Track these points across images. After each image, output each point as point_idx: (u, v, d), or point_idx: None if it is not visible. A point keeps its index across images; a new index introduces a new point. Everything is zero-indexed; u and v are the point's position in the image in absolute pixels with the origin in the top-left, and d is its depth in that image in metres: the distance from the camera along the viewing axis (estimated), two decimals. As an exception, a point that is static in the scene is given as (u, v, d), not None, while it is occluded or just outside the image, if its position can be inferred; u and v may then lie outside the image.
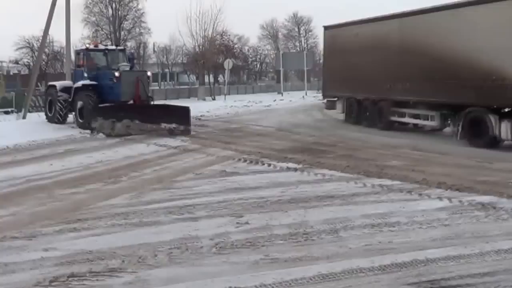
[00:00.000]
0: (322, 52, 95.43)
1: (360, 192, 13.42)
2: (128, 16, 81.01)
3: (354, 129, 28.99)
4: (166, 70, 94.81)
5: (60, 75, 58.61)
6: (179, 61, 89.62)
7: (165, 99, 49.35)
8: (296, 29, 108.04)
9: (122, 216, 11.19)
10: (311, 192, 13.31)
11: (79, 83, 28.67)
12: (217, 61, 69.30)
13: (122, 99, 27.13)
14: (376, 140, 23.75)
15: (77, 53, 31.77)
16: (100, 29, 79.77)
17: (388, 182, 14.48)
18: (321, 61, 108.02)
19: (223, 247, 9.25)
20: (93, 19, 79.28)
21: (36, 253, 8.94)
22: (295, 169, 16.39)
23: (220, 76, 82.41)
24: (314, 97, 61.96)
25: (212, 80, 76.57)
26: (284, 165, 17.04)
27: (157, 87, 78.71)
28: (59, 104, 29.46)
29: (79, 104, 27.96)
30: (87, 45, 30.93)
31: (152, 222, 10.80)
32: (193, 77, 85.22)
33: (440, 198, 12.69)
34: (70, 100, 29.05)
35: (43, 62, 69.95)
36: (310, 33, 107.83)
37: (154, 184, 14.41)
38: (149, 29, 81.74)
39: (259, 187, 13.95)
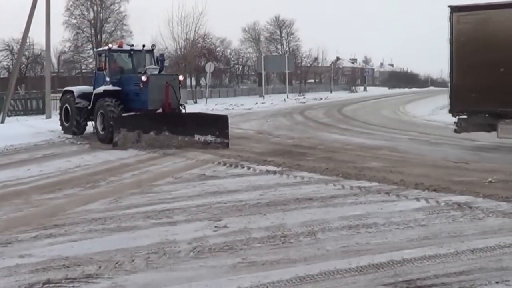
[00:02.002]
0: (303, 55, 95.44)
1: (338, 194, 13.50)
2: (109, 18, 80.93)
3: (333, 131, 29.17)
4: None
5: (41, 78, 58.42)
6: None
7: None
8: (278, 32, 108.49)
9: (99, 221, 11.18)
10: (290, 195, 13.37)
11: (100, 89, 24.98)
12: (199, 64, 69.46)
13: (149, 107, 23.56)
14: (355, 142, 23.91)
15: (98, 54, 27.11)
16: (81, 31, 79.74)
17: (366, 183, 14.59)
18: (302, 63, 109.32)
19: (201, 251, 9.28)
20: (74, 21, 79.25)
21: (11, 260, 8.91)
22: (275, 172, 16.44)
23: (202, 79, 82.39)
24: (295, 100, 62.30)
25: (194, 83, 76.59)
26: (264, 168, 17.10)
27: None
28: (76, 113, 25.90)
29: (100, 113, 24.28)
30: (110, 45, 26.70)
31: (129, 227, 10.80)
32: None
33: (417, 199, 12.82)
34: (89, 108, 25.47)
35: (23, 65, 69.63)
36: (292, 36, 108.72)
37: (132, 189, 14.39)
38: (130, 32, 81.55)
39: (238, 191, 14.00)
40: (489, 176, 15.28)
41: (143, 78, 23.48)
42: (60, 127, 27.35)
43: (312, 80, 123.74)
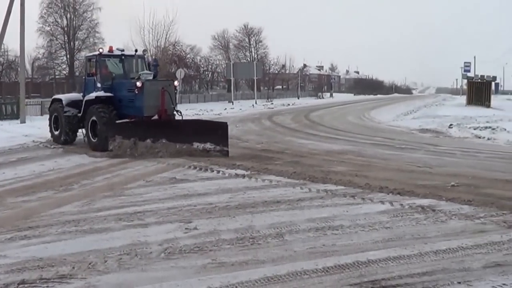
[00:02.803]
0: (271, 62, 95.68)
1: (305, 197, 13.70)
2: (82, 26, 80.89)
3: (300, 136, 29.39)
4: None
5: (15, 84, 58.17)
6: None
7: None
8: (247, 40, 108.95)
9: (72, 223, 11.27)
10: (258, 198, 13.56)
11: (92, 95, 23.88)
12: (169, 70, 69.44)
13: (145, 113, 22.34)
14: (322, 147, 24.15)
15: (88, 59, 25.95)
16: (54, 38, 79.45)
17: (332, 187, 14.83)
18: (270, 70, 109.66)
19: (171, 252, 9.43)
20: (48, 28, 79.18)
21: (-14, 261, 8.98)
22: (243, 176, 16.63)
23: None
24: (263, 106, 62.49)
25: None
26: (233, 171, 17.27)
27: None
28: (65, 121, 24.96)
29: (92, 120, 23.23)
30: (101, 50, 25.06)
31: (102, 228, 10.89)
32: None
33: (382, 202, 13.08)
34: (80, 115, 24.47)
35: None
36: (260, 43, 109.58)
37: (105, 192, 14.47)
38: (103, 39, 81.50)
39: (208, 194, 14.14)
40: (451, 180, 15.62)
41: (138, 83, 22.32)
42: (51, 137, 26.23)
43: (280, 87, 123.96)
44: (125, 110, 23.16)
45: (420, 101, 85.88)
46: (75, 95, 27.31)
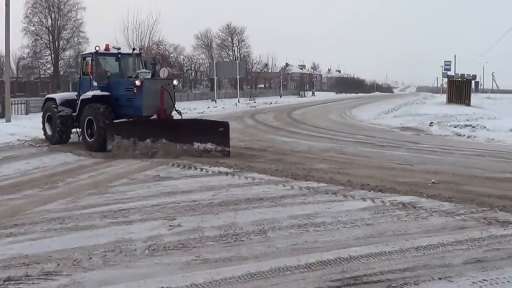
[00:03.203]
0: (254, 61, 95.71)
1: (288, 194, 13.79)
2: (67, 26, 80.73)
3: (282, 134, 29.49)
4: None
5: (0, 83, 57.80)
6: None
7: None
8: (230, 39, 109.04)
9: (58, 220, 11.28)
10: (241, 195, 13.63)
11: (88, 94, 23.17)
12: (153, 70, 69.40)
13: (143, 113, 21.91)
14: (304, 144, 24.26)
15: (83, 57, 25.28)
16: (39, 38, 79.22)
17: (314, 184, 14.94)
18: (253, 69, 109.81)
19: (156, 249, 9.48)
20: (33, 28, 78.99)
21: (-28, 258, 9.01)
22: (227, 173, 16.69)
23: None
24: (246, 104, 62.53)
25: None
26: (216, 169, 17.32)
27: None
28: (59, 121, 24.35)
29: (88, 119, 22.56)
30: (97, 48, 24.07)
31: (87, 226, 10.93)
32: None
33: (363, 199, 13.20)
34: (74, 114, 23.96)
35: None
36: (243, 42, 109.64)
37: (89, 189, 14.49)
38: (87, 39, 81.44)
39: (191, 191, 14.20)
40: (432, 177, 15.78)
41: (137, 82, 21.80)
42: (44, 137, 25.57)
43: (262, 85, 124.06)
44: (122, 109, 22.68)
45: (401, 100, 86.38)
46: (68, 94, 27.09)
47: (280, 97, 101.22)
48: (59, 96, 26.22)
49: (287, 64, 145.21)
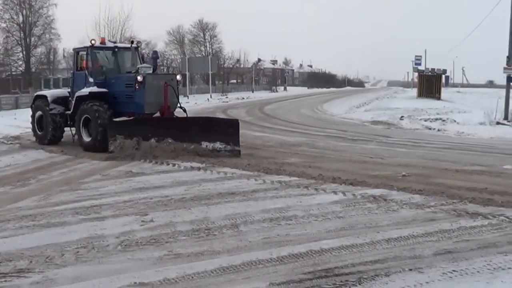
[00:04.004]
0: (226, 56, 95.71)
1: (259, 188, 13.85)
2: (38, 22, 79.92)
3: (254, 129, 29.52)
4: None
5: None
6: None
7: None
8: (202, 35, 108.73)
9: (30, 218, 11.24)
10: (213, 190, 13.66)
11: (85, 91, 21.75)
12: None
13: (146, 110, 20.68)
14: (276, 139, 24.32)
15: (77, 52, 23.40)
16: (10, 35, 78.48)
17: (286, 178, 15.00)
18: (225, 65, 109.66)
19: (128, 244, 9.50)
20: (4, 25, 78.15)
21: None
22: (199, 168, 16.67)
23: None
24: (218, 100, 62.50)
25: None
26: (188, 164, 17.29)
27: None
28: (51, 120, 22.92)
29: (85, 118, 21.24)
30: (93, 42, 22.46)
31: (59, 222, 10.90)
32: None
33: (335, 192, 13.29)
34: (69, 113, 22.46)
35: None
36: (215, 38, 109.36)
37: (61, 186, 14.42)
38: (59, 35, 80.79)
39: (163, 186, 14.21)
40: (403, 170, 15.95)
41: (139, 77, 20.31)
42: (34, 137, 24.11)
43: (235, 81, 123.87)
44: (121, 107, 21.27)
45: (372, 94, 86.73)
46: (60, 91, 25.51)
47: (252, 92, 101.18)
48: (50, 93, 24.66)
49: (259, 60, 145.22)
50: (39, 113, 23.71)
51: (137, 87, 20.51)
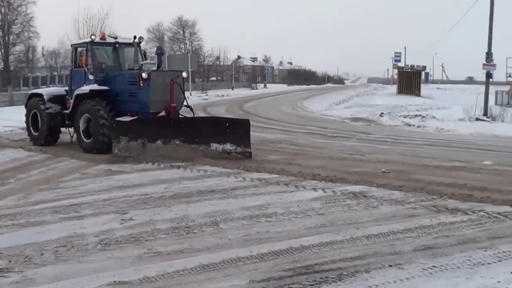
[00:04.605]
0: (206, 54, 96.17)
1: (239, 186, 13.85)
2: (17, 20, 79.34)
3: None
4: (55, 73, 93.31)
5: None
6: (68, 64, 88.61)
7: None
8: (181, 32, 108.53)
9: (9, 217, 11.17)
10: (193, 188, 13.63)
11: (85, 89, 20.64)
12: (104, 63, 69.01)
13: (151, 109, 19.50)
14: (256, 136, 24.18)
15: (75, 48, 22.19)
16: (-12, 33, 78.01)
17: (266, 175, 15.02)
18: (205, 62, 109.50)
19: (108, 243, 9.47)
20: (-18, 24, 77.48)
21: None
22: (178, 167, 16.62)
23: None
24: (198, 97, 62.44)
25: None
26: (168, 163, 17.22)
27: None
28: (47, 119, 21.84)
29: (85, 117, 20.24)
30: (93, 37, 21.52)
31: (38, 222, 10.83)
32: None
33: (315, 189, 13.31)
34: (67, 112, 21.48)
35: None
36: (194, 35, 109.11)
37: (40, 185, 14.35)
38: (37, 33, 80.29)
39: (143, 184, 14.17)
40: (382, 166, 16.01)
41: (144, 74, 19.19)
42: (28, 137, 23.10)
43: (215, 78, 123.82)
44: (123, 105, 20.11)
45: (352, 91, 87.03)
46: (56, 89, 24.48)
47: (232, 89, 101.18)
48: (46, 91, 23.46)
49: (239, 57, 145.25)
50: (34, 112, 22.67)
51: (141, 84, 19.45)
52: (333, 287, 7.59)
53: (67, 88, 22.74)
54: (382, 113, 37.47)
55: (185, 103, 20.67)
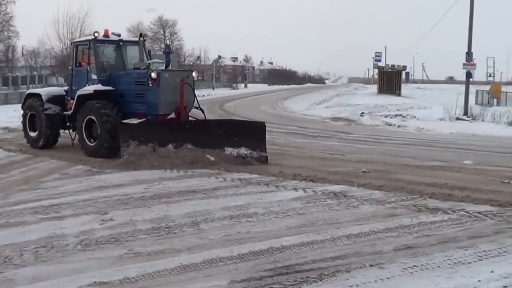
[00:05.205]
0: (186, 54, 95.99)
1: (220, 186, 13.84)
2: (-4, 20, 78.94)
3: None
4: (35, 73, 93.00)
5: None
6: (48, 63, 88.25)
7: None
8: (162, 32, 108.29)
9: (-12, 218, 11.10)
10: (173, 188, 13.61)
11: (88, 89, 19.53)
12: (84, 63, 68.80)
13: (160, 111, 18.36)
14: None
15: (76, 46, 21.22)
16: (-33, 33, 77.53)
17: (247, 175, 15.01)
18: (185, 62, 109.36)
19: (88, 243, 9.42)
20: (-40, 23, 76.97)
21: None
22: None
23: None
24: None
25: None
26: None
27: (25, 90, 77.08)
28: (46, 121, 20.71)
29: (89, 119, 19.00)
30: (96, 34, 20.13)
31: (18, 222, 10.77)
32: (61, 79, 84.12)
33: (295, 189, 13.33)
34: (68, 114, 20.31)
35: None
36: (175, 35, 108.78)
37: (20, 185, 14.27)
38: (17, 33, 79.83)
39: (123, 185, 14.13)
40: (363, 166, 16.06)
41: (153, 74, 18.18)
42: (26, 141, 21.78)
43: (195, 78, 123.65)
44: (129, 107, 19.03)
45: (332, 91, 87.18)
46: (56, 89, 23.00)
47: (213, 89, 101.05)
48: (45, 91, 22.11)
49: (219, 57, 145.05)
50: (31, 113, 21.52)
51: (150, 85, 18.36)
52: (313, 287, 7.58)
53: (66, 88, 21.90)
54: (362, 113, 37.63)
55: (195, 104, 19.51)
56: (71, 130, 20.72)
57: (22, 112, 22.29)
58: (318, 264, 8.35)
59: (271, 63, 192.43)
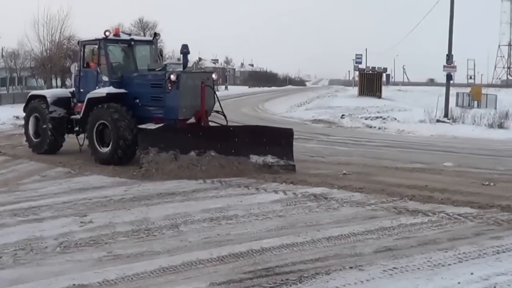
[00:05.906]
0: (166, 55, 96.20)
1: (200, 188, 13.85)
2: (-24, 22, 78.75)
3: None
4: (15, 74, 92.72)
5: None
6: (28, 65, 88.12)
7: (13, 103, 47.84)
8: (142, 34, 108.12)
9: (-34, 220, 11.01)
10: (153, 190, 13.58)
11: (100, 92, 18.23)
12: (64, 65, 68.37)
13: (180, 116, 17.13)
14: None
15: (83, 45, 19.80)
16: None
17: (227, 178, 14.95)
18: (164, 63, 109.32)
19: (67, 246, 9.38)
20: None
21: None
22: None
23: (68, 79, 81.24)
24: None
25: (60, 83, 75.43)
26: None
27: (5, 92, 76.75)
28: (51, 124, 19.39)
29: (101, 123, 17.78)
30: (107, 33, 18.65)
31: (-3, 225, 10.71)
32: (41, 81, 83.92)
33: (275, 191, 13.35)
34: (75, 117, 19.13)
35: None
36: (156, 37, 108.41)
37: (-1, 188, 14.18)
38: (-3, 34, 79.53)
39: (103, 187, 14.11)
40: (343, 168, 16.09)
41: (172, 76, 16.90)
42: (28, 145, 20.60)
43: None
44: (145, 111, 17.72)
45: (313, 93, 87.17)
46: (61, 91, 22.53)
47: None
48: (49, 93, 20.97)
49: (200, 59, 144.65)
50: (35, 115, 20.32)
51: (169, 87, 17.06)
52: (293, 289, 7.58)
53: (71, 89, 20.75)
54: (343, 115, 37.69)
55: (218, 108, 18.29)
56: (79, 135, 19.52)
57: (24, 114, 21.22)
58: (298, 266, 8.36)
59: (252, 65, 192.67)
